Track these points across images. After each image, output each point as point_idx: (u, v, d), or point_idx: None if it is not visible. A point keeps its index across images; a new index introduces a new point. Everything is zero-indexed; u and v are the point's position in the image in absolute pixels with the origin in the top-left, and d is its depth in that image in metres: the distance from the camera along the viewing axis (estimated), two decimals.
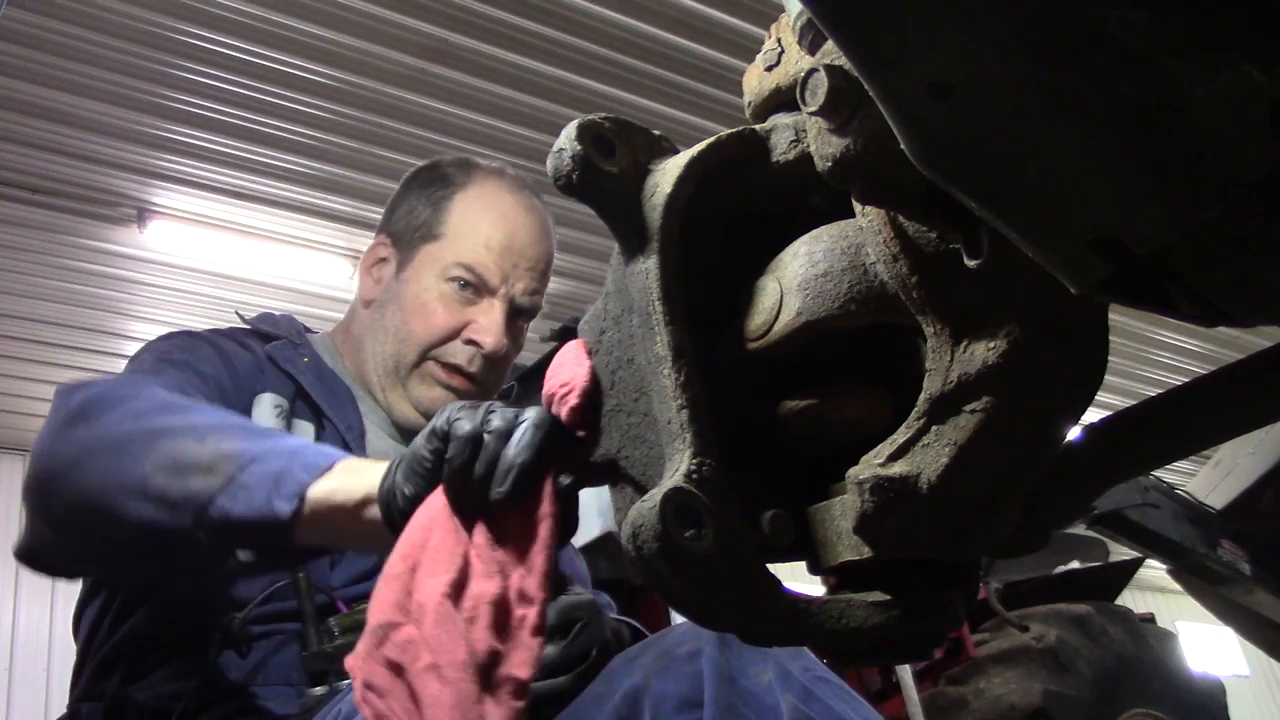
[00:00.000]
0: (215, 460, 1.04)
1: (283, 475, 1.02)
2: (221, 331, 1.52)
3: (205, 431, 1.07)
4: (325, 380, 1.51)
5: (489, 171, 1.62)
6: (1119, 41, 0.41)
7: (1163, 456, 0.74)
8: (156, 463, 1.05)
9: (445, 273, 1.51)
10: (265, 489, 1.01)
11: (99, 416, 1.12)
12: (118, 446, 1.08)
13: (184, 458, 1.05)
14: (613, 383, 0.73)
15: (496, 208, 1.56)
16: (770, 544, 0.68)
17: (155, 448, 1.06)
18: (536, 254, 1.56)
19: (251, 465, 1.03)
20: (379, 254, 1.61)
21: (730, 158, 0.72)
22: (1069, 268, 0.48)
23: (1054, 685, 3.20)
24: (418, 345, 1.50)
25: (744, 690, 1.07)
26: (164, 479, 1.05)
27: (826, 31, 0.46)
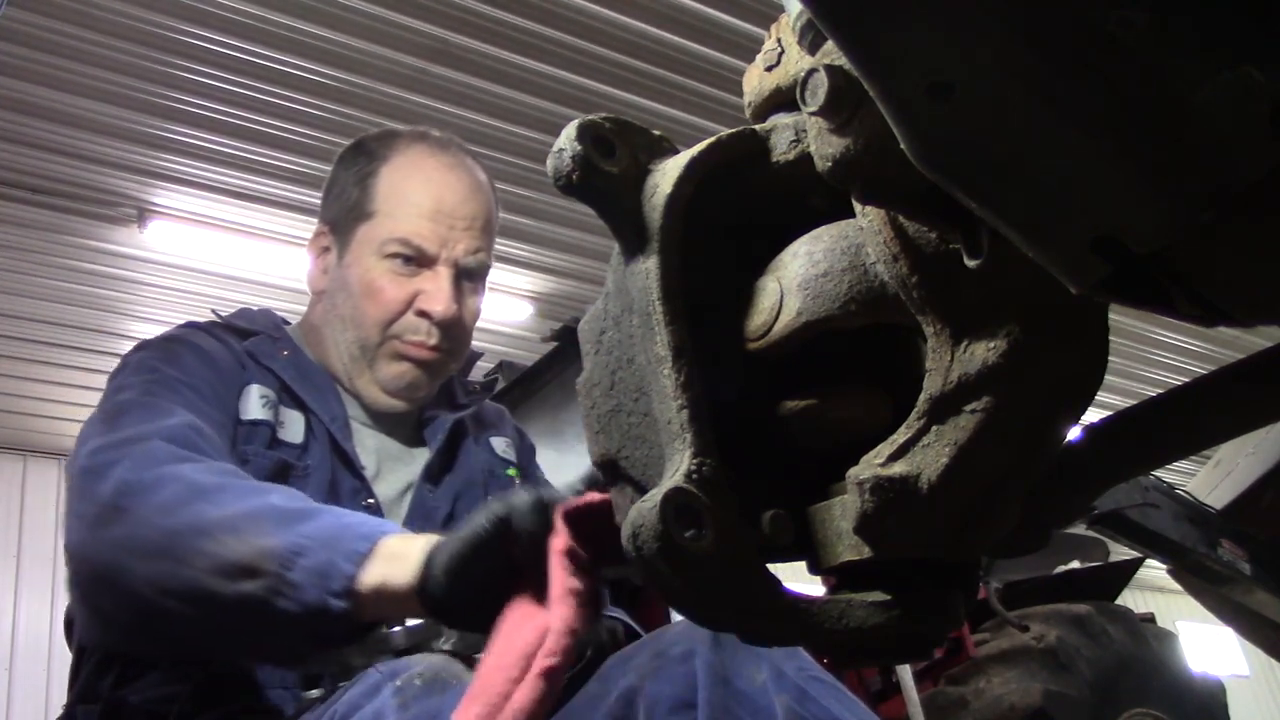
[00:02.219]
0: (259, 559, 1.05)
1: (329, 570, 1.03)
2: (199, 327, 1.50)
3: (242, 523, 1.07)
4: (306, 373, 1.49)
5: (410, 138, 1.59)
6: (1119, 41, 0.41)
7: (1163, 456, 0.74)
8: (203, 566, 1.06)
9: (383, 250, 1.49)
10: (315, 587, 1.03)
11: (130, 511, 1.11)
12: (159, 551, 1.08)
13: (229, 561, 1.05)
14: (613, 383, 0.73)
15: (421, 174, 1.53)
16: (770, 544, 0.68)
17: (199, 549, 1.06)
18: (471, 211, 1.52)
19: (297, 560, 1.04)
20: (321, 244, 1.59)
21: (730, 158, 0.72)
22: (1069, 268, 0.48)
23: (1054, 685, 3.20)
24: (375, 326, 1.49)
25: (738, 691, 1.07)
26: (215, 584, 1.05)
27: (826, 32, 0.46)
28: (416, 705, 0.97)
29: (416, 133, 1.62)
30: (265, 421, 1.39)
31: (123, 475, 1.14)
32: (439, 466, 1.52)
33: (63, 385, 6.43)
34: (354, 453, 1.44)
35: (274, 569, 1.04)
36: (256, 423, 1.38)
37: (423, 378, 1.51)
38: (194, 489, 1.11)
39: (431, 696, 0.98)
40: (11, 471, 7.08)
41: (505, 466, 1.61)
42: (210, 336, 1.47)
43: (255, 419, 1.38)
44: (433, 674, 1.00)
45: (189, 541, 1.07)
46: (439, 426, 1.55)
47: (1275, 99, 0.40)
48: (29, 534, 6.95)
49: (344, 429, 1.45)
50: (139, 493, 1.12)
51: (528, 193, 5.28)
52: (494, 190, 1.61)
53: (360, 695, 1.03)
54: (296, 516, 1.08)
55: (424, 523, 1.44)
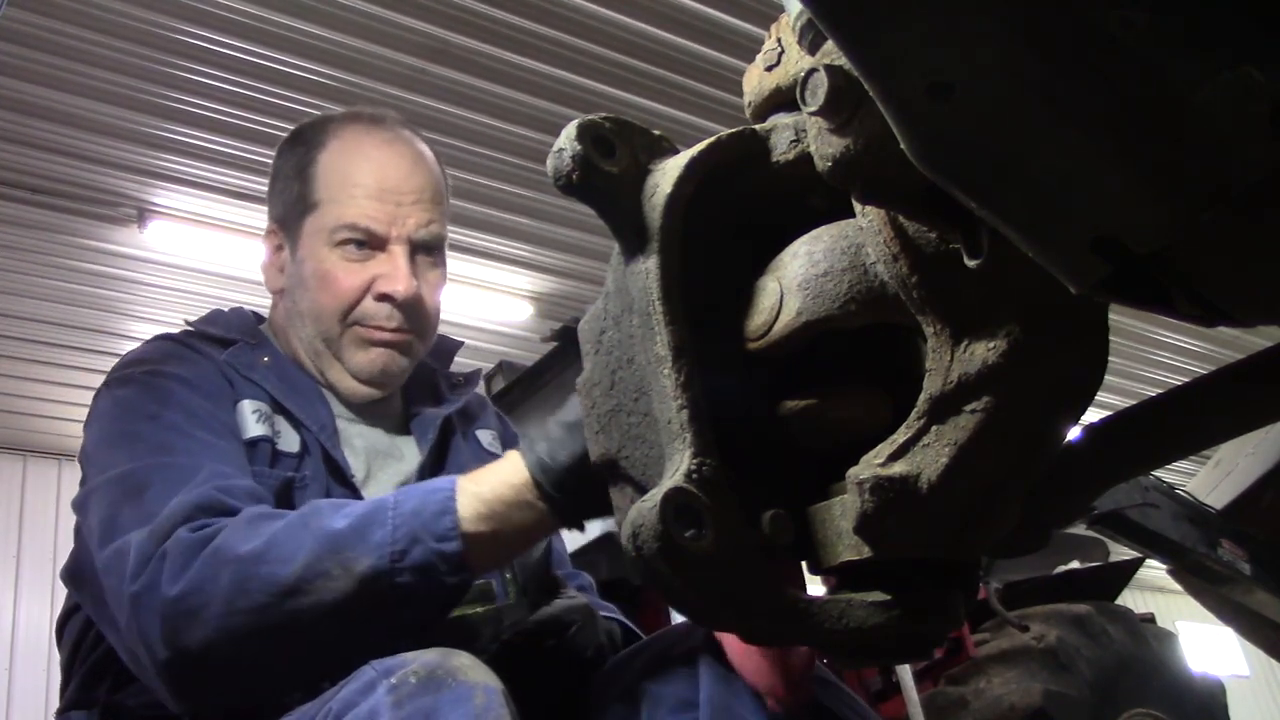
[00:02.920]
0: (361, 587, 1.06)
1: (434, 560, 1.05)
2: (175, 340, 1.45)
3: (324, 562, 1.07)
4: (288, 379, 1.46)
5: (343, 120, 1.55)
6: (1119, 41, 0.41)
7: (1163, 456, 0.74)
8: (315, 618, 1.06)
9: (333, 238, 1.45)
10: (429, 580, 1.05)
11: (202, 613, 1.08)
12: (259, 630, 1.07)
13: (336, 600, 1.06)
14: (613, 383, 0.73)
15: (359, 155, 1.48)
16: (770, 544, 0.68)
17: (300, 607, 1.06)
18: (416, 185, 1.48)
19: (397, 568, 1.05)
20: (273, 242, 1.55)
21: (730, 158, 0.72)
22: (1069, 268, 0.48)
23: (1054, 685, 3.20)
24: (334, 316, 1.45)
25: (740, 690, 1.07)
26: (337, 626, 1.07)
27: (826, 32, 0.46)
28: (411, 703, 0.97)
29: (350, 113, 1.57)
30: (264, 437, 1.35)
31: (167, 593, 1.10)
32: (430, 467, 1.51)
33: (63, 385, 6.43)
34: (344, 460, 1.41)
35: (384, 587, 1.05)
36: (256, 441, 1.34)
37: (395, 360, 1.48)
38: (245, 561, 1.09)
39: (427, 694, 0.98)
40: (11, 471, 7.08)
41: (492, 460, 1.59)
42: (191, 353, 1.42)
43: (254, 436, 1.35)
44: (427, 672, 1.00)
45: (282, 607, 1.07)
46: (427, 423, 1.53)
47: (1275, 99, 0.40)
48: (29, 534, 6.95)
49: (332, 436, 1.42)
50: (194, 594, 1.09)
51: (528, 193, 5.28)
52: (439, 162, 1.56)
53: (354, 693, 1.02)
54: (363, 530, 1.08)
55: None
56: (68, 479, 7.16)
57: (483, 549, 1.07)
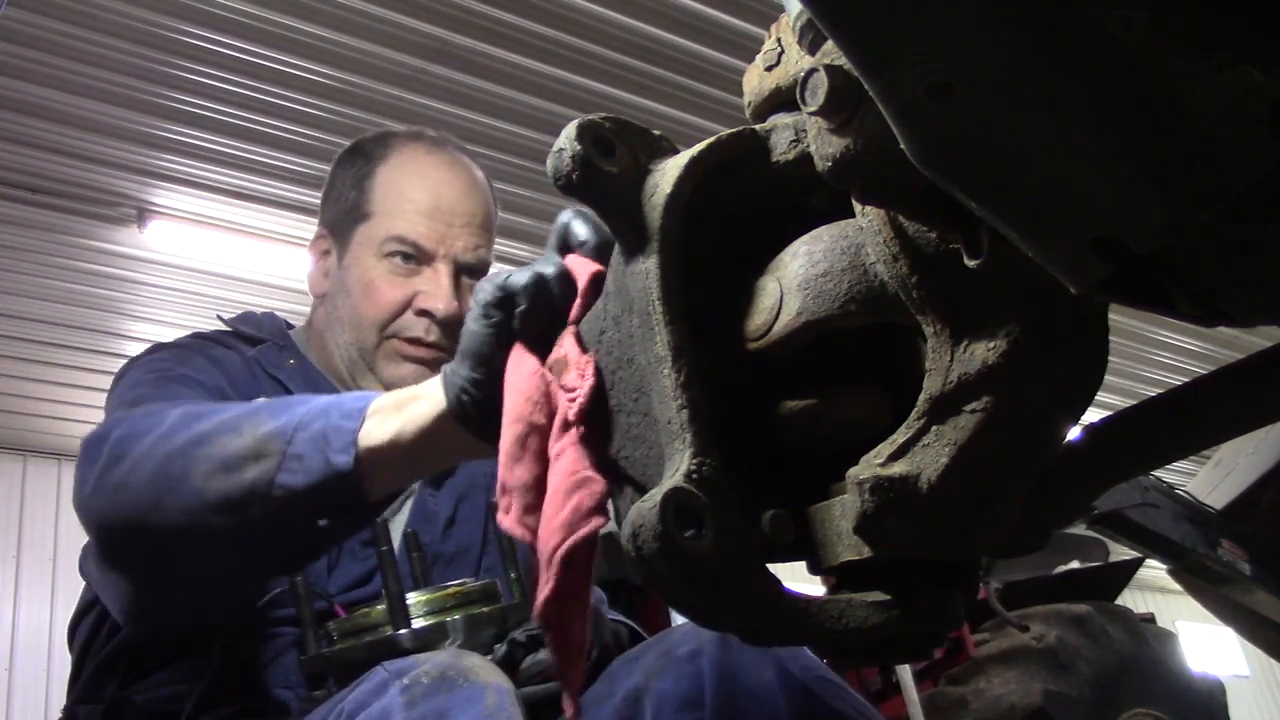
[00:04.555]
0: (259, 444, 1.03)
1: (328, 432, 1.01)
2: (207, 336, 1.50)
3: (238, 422, 1.06)
4: (312, 382, 1.49)
5: (406, 138, 1.59)
6: (1119, 41, 0.41)
7: (1163, 456, 0.74)
8: (204, 470, 1.04)
9: (382, 249, 1.48)
10: (318, 451, 1.01)
11: (130, 452, 1.09)
12: (160, 473, 1.06)
13: (230, 455, 1.04)
14: (613, 383, 0.73)
15: (418, 172, 1.53)
16: (770, 544, 0.68)
17: (197, 456, 1.05)
18: (468, 209, 1.52)
19: (296, 435, 1.02)
20: (321, 247, 1.59)
21: (730, 158, 0.72)
22: (1069, 268, 0.48)
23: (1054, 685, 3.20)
24: (373, 327, 1.48)
25: (745, 690, 1.07)
26: (219, 483, 1.03)
27: (826, 31, 0.46)
28: (424, 703, 0.97)
29: (412, 132, 1.62)
30: None
31: (120, 432, 1.12)
32: (440, 474, 1.52)
33: (63, 385, 6.43)
34: None
35: (276, 448, 1.02)
36: None
37: (427, 376, 1.51)
38: (189, 414, 1.10)
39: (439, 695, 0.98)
40: (11, 471, 7.07)
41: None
42: (221, 345, 1.46)
43: None
44: (439, 672, 1.00)
45: (186, 453, 1.05)
46: None
47: (1275, 99, 0.40)
48: (29, 534, 6.95)
49: None
50: (136, 436, 1.10)
51: (528, 193, 5.28)
52: (491, 188, 1.60)
53: (367, 693, 1.03)
54: (292, 402, 1.08)
55: (426, 526, 1.44)
56: (68, 479, 7.13)
57: (379, 428, 1.01)
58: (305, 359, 1.52)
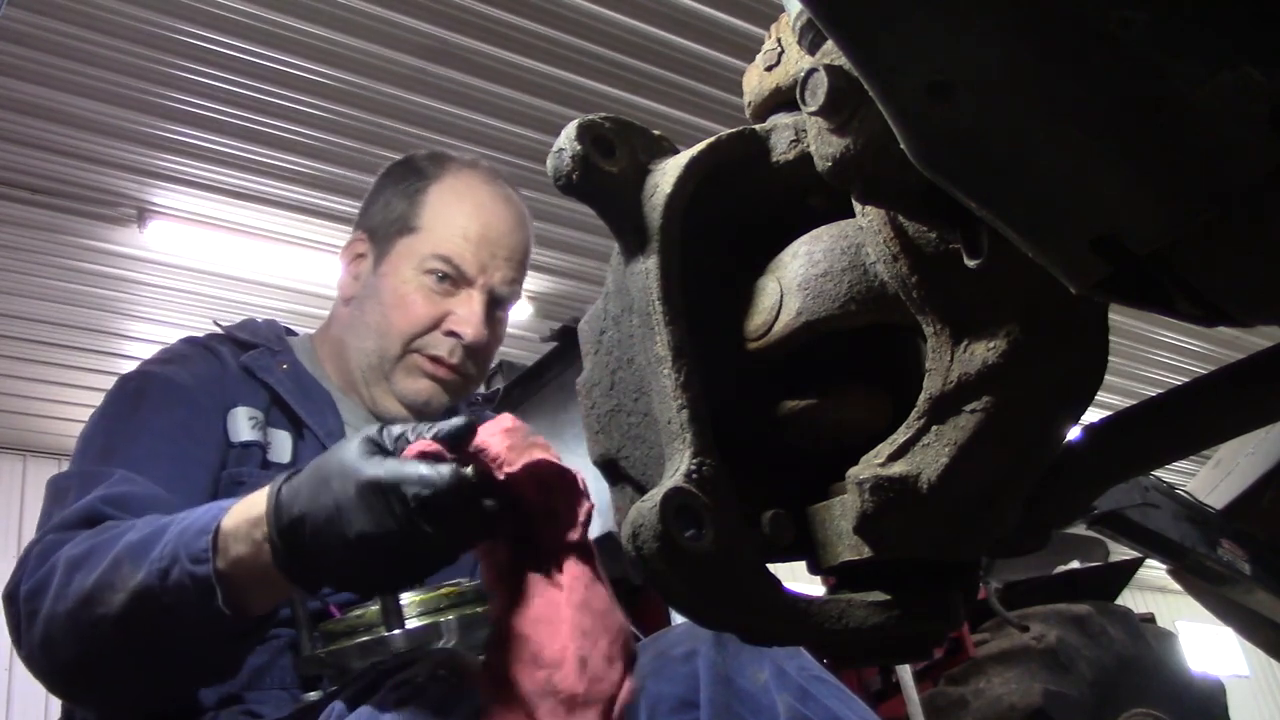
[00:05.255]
0: (137, 604, 1.07)
1: (186, 581, 1.04)
2: (195, 341, 1.51)
3: (111, 575, 1.09)
4: (303, 387, 1.50)
5: (463, 163, 1.62)
6: (1119, 41, 0.41)
7: (1163, 456, 0.74)
8: (107, 628, 1.08)
9: (423, 265, 1.50)
10: (188, 603, 1.04)
11: (40, 609, 1.14)
12: (70, 631, 1.11)
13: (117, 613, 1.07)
14: (613, 383, 0.73)
15: (472, 199, 1.56)
16: (770, 544, 0.67)
17: (93, 615, 1.09)
18: (513, 244, 1.56)
19: (162, 586, 1.05)
20: (356, 250, 1.61)
21: (730, 158, 0.72)
22: (1069, 268, 0.48)
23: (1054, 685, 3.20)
24: (399, 337, 1.50)
25: (740, 690, 1.07)
26: (123, 635, 1.08)
27: (826, 32, 0.46)
28: (415, 703, 0.97)
29: (470, 159, 1.66)
30: (256, 443, 1.40)
31: (24, 589, 1.17)
32: None
33: (63, 385, 6.43)
34: None
35: (152, 605, 1.05)
36: (248, 444, 1.39)
37: (439, 395, 1.52)
38: (69, 565, 1.13)
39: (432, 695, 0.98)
40: (11, 471, 7.07)
41: None
42: (208, 355, 1.47)
43: (246, 441, 1.40)
44: (430, 674, 1.00)
45: (86, 613, 1.09)
46: None
47: (1275, 99, 0.40)
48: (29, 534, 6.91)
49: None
50: (37, 596, 1.15)
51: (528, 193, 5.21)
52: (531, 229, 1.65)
53: (360, 692, 1.03)
54: (147, 544, 1.09)
55: None
56: None
57: (229, 566, 1.04)
58: (299, 365, 1.53)
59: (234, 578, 1.03)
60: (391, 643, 1.15)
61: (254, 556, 1.01)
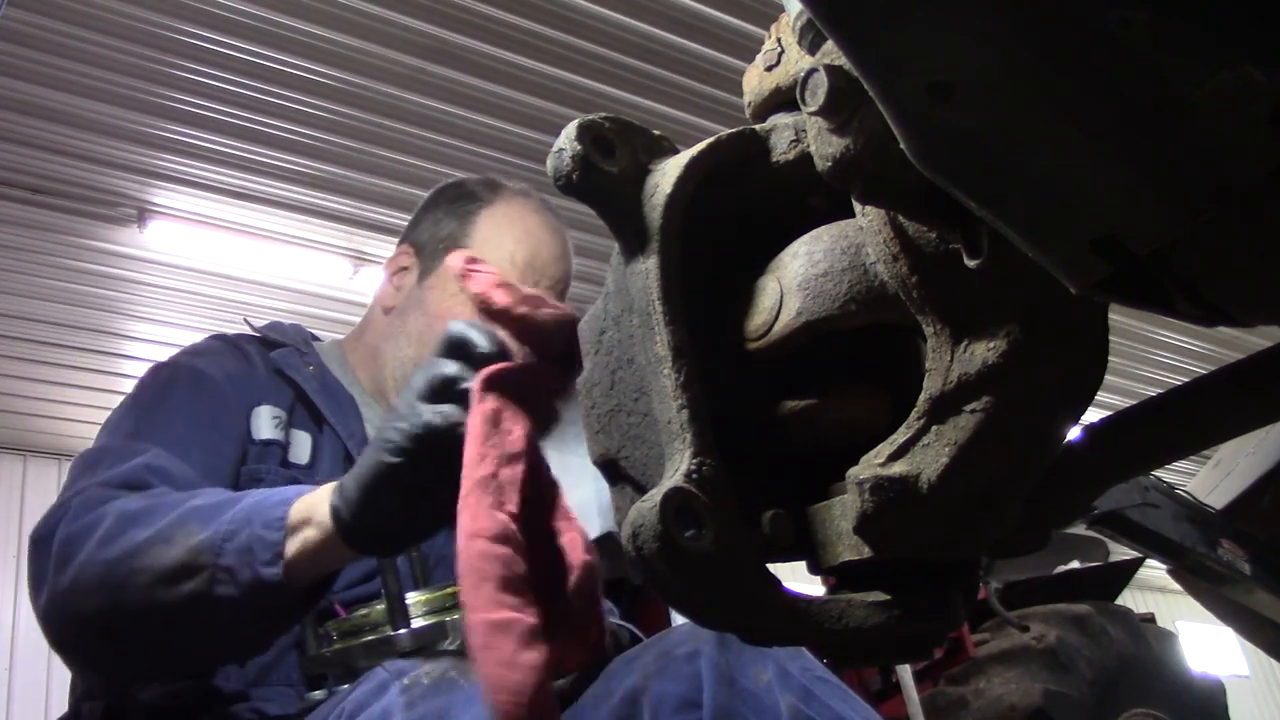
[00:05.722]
0: (192, 557, 1.07)
1: (254, 544, 1.05)
2: (225, 338, 1.54)
3: (170, 531, 1.09)
4: (328, 388, 1.52)
5: (515, 191, 1.67)
6: (1119, 41, 0.41)
7: (1163, 456, 0.74)
8: (145, 582, 1.08)
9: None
10: (247, 564, 1.05)
11: (75, 556, 1.14)
12: (104, 581, 1.10)
13: (166, 567, 1.07)
14: (613, 383, 0.73)
15: (522, 225, 1.60)
16: (770, 544, 0.67)
17: (137, 568, 1.09)
18: (557, 273, 1.60)
19: (224, 546, 1.06)
20: (401, 263, 1.65)
21: (730, 158, 0.72)
22: (1069, 268, 0.48)
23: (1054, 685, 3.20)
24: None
25: (743, 690, 1.07)
26: (160, 594, 1.08)
27: (826, 32, 0.46)
28: (424, 704, 0.97)
29: (522, 189, 1.70)
30: (277, 441, 1.43)
31: (63, 532, 1.17)
32: None
33: (63, 385, 6.43)
34: None
35: (207, 561, 1.06)
36: (269, 443, 1.42)
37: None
38: (124, 517, 1.14)
39: (439, 695, 0.98)
40: (11, 471, 7.08)
41: None
42: (232, 348, 1.51)
43: (268, 439, 1.42)
44: (440, 673, 1.00)
45: (127, 564, 1.09)
46: None
47: (1275, 99, 0.40)
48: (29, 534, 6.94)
49: (360, 445, 1.47)
50: (79, 538, 1.14)
51: None
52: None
53: (367, 694, 1.03)
54: (218, 508, 1.11)
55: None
56: None
57: (293, 546, 1.06)
58: (324, 368, 1.56)
59: (300, 552, 1.06)
60: (397, 642, 1.16)
61: (320, 525, 1.05)
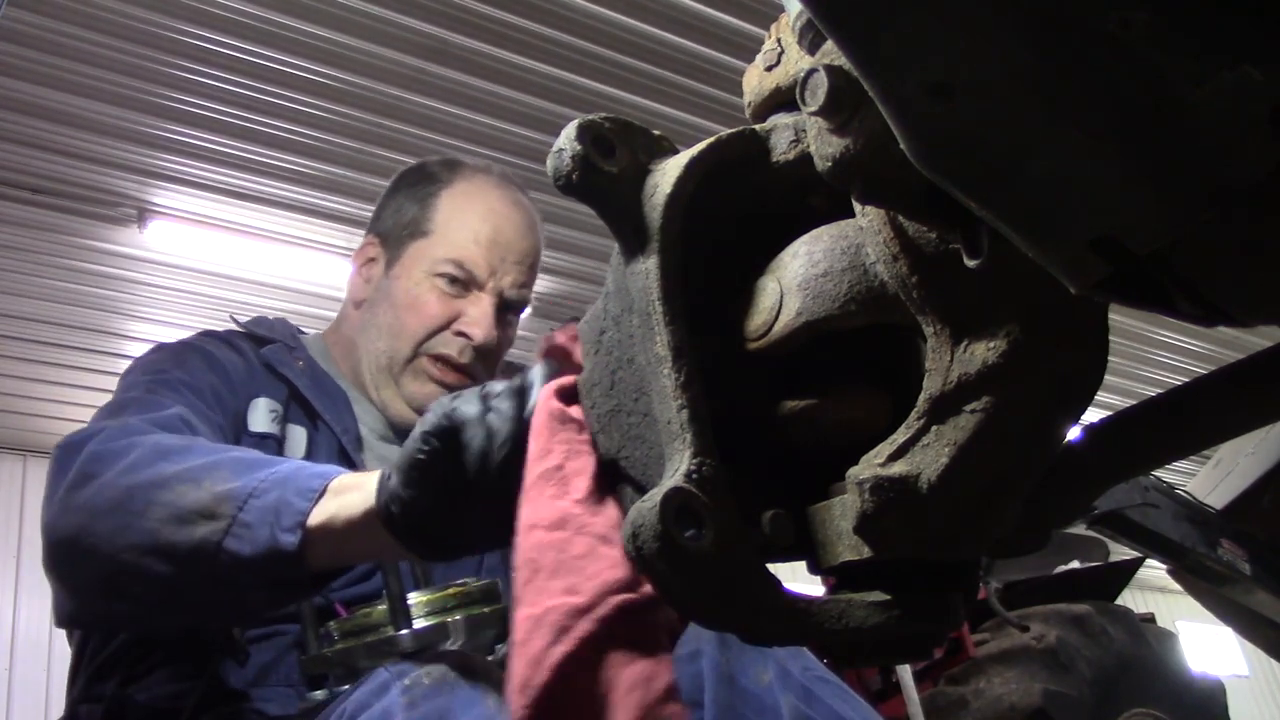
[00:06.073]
0: (214, 503, 1.04)
1: (281, 507, 1.02)
2: (215, 335, 1.52)
3: (201, 473, 1.07)
4: (320, 383, 1.51)
5: (475, 169, 1.64)
6: (1119, 41, 0.41)
7: (1163, 456, 0.74)
8: (160, 516, 1.06)
9: (434, 268, 1.52)
10: (267, 524, 1.02)
11: (98, 475, 1.11)
12: (119, 505, 1.07)
13: (185, 506, 1.05)
14: (613, 383, 0.73)
15: (483, 203, 1.57)
16: (770, 544, 0.68)
17: (156, 500, 1.06)
18: (524, 248, 1.57)
19: (250, 501, 1.03)
20: (368, 254, 1.63)
21: (730, 158, 0.72)
22: (1069, 268, 0.48)
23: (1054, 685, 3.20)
24: (411, 339, 1.51)
25: (744, 690, 1.07)
26: (170, 532, 1.05)
27: (826, 32, 0.46)
28: (425, 704, 0.97)
29: (482, 164, 1.67)
30: (272, 435, 1.41)
31: (93, 448, 1.14)
32: None
33: (63, 385, 6.43)
34: (363, 465, 1.44)
35: (228, 510, 1.03)
36: (264, 435, 1.40)
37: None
38: (158, 450, 1.11)
39: (440, 696, 0.98)
40: (11, 471, 7.08)
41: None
42: (225, 344, 1.48)
43: (263, 432, 1.40)
44: (441, 674, 1.00)
45: (147, 494, 1.07)
46: None
47: (1275, 99, 0.40)
48: (29, 534, 6.94)
49: (355, 441, 1.47)
50: (107, 459, 1.12)
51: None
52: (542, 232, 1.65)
53: (368, 694, 1.03)
54: (255, 464, 1.08)
55: None
56: None
57: (319, 515, 1.02)
58: (314, 362, 1.54)
59: (326, 530, 1.01)
60: (399, 643, 1.15)
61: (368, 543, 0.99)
